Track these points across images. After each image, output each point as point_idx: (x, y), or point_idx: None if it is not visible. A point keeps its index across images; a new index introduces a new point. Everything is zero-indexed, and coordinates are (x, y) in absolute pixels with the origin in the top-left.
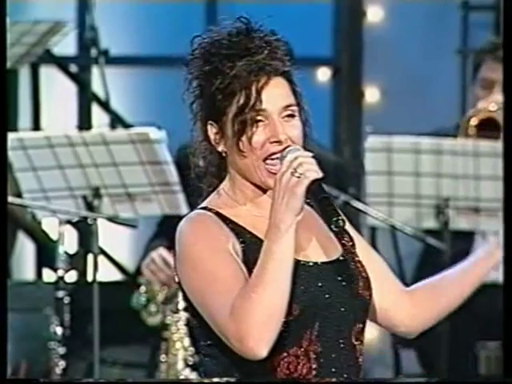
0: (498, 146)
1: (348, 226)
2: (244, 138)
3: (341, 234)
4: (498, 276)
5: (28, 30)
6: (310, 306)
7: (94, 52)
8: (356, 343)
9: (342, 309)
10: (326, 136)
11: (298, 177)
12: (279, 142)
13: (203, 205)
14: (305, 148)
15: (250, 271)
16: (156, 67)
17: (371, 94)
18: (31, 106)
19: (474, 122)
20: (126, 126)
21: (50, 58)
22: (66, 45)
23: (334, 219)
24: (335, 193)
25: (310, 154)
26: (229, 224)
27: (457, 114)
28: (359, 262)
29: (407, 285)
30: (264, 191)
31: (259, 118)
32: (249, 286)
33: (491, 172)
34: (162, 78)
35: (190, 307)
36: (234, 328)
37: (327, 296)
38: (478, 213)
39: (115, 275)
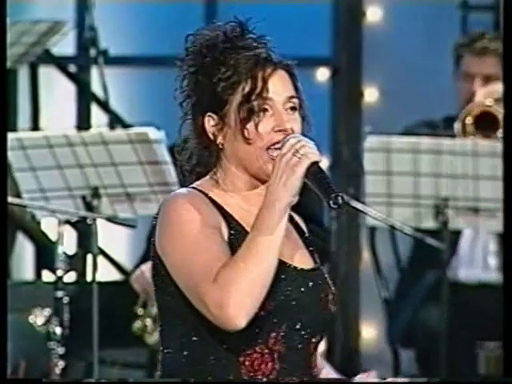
0: (497, 145)
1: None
2: (249, 126)
3: (312, 249)
4: (495, 276)
5: (27, 29)
6: (283, 305)
7: (93, 52)
8: (312, 354)
9: (310, 317)
10: (325, 136)
11: (299, 157)
12: (284, 131)
13: (192, 185)
14: None
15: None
16: (155, 67)
17: (370, 94)
18: (30, 106)
19: (469, 120)
20: (125, 125)
21: (49, 57)
22: (65, 45)
23: (333, 195)
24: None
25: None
26: (217, 207)
27: (456, 113)
28: (327, 277)
29: (407, 284)
30: (255, 187)
31: (265, 106)
32: (237, 257)
33: (490, 172)
34: (161, 79)
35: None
36: (216, 295)
37: (300, 301)
38: (477, 213)
39: (114, 275)
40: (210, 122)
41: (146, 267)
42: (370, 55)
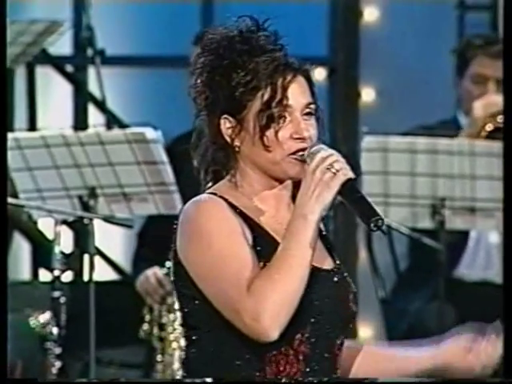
0: (494, 145)
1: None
2: (269, 133)
3: (332, 249)
4: (490, 274)
5: (24, 29)
6: (306, 307)
7: (90, 52)
8: (337, 354)
9: (334, 318)
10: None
11: (334, 172)
12: (302, 139)
13: (210, 191)
14: None
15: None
16: (152, 67)
17: (367, 94)
18: (27, 106)
19: (489, 127)
20: (122, 125)
21: (45, 57)
22: (62, 45)
23: (374, 219)
24: None
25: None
26: (238, 212)
27: (453, 113)
28: (348, 276)
29: (404, 284)
30: (272, 187)
31: (285, 113)
32: (272, 268)
33: (487, 172)
34: (158, 79)
35: (185, 296)
36: (251, 305)
37: (323, 302)
38: (473, 213)
39: (111, 275)
40: (226, 124)
41: (152, 273)
42: (366, 55)
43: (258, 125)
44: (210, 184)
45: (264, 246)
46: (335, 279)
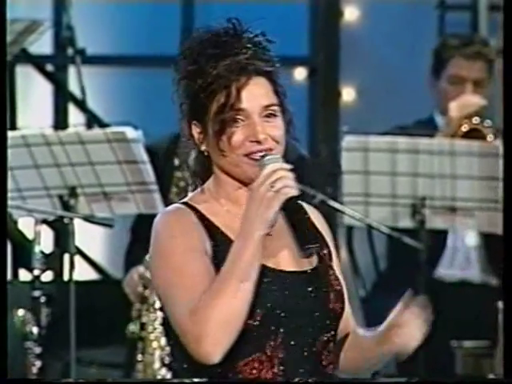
0: (474, 145)
1: (329, 236)
2: (224, 138)
3: (322, 245)
4: (469, 274)
5: None
6: (273, 312)
7: (70, 51)
8: (322, 353)
9: (308, 318)
10: (303, 136)
11: (276, 191)
12: (258, 142)
13: (184, 200)
14: (287, 150)
15: (218, 270)
16: (132, 67)
17: (348, 94)
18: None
19: (465, 128)
20: (103, 125)
21: (26, 57)
22: (42, 44)
23: (306, 247)
24: (311, 191)
25: (288, 167)
26: (204, 222)
27: (429, 114)
28: (334, 274)
29: (384, 283)
30: (241, 187)
31: (239, 117)
32: (212, 291)
33: (467, 171)
34: (138, 78)
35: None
36: (192, 329)
37: (293, 304)
38: (454, 212)
39: (91, 274)
40: (196, 129)
41: (137, 271)
42: (347, 55)
43: (213, 129)
44: (192, 187)
45: (224, 254)
46: (309, 279)
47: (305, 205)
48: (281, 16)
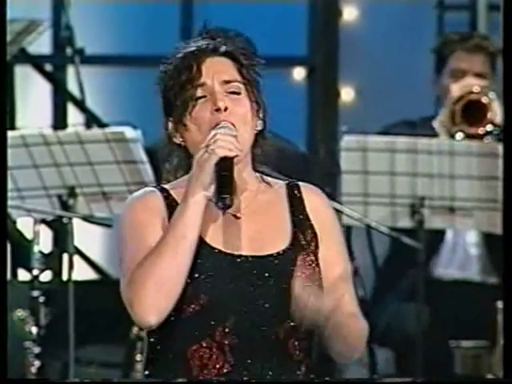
0: (473, 145)
1: (323, 223)
2: (187, 115)
3: (301, 229)
4: (468, 273)
5: None
6: (220, 298)
7: (69, 51)
8: (288, 341)
9: (267, 305)
10: (302, 135)
11: (210, 152)
12: (218, 110)
13: (162, 184)
14: (260, 132)
15: None
16: (131, 67)
17: (346, 94)
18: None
19: (459, 106)
20: (102, 125)
21: (25, 57)
22: (41, 44)
23: (222, 196)
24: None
25: (233, 133)
26: (171, 203)
27: (432, 113)
28: (307, 258)
29: (384, 283)
30: None
31: (200, 93)
32: (148, 256)
33: (466, 171)
34: (137, 78)
35: None
36: (128, 294)
37: (246, 290)
38: (453, 212)
39: (90, 274)
40: (170, 125)
41: None
42: (346, 54)
43: (178, 109)
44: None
45: None
46: (271, 266)
47: (303, 185)
48: (279, 16)
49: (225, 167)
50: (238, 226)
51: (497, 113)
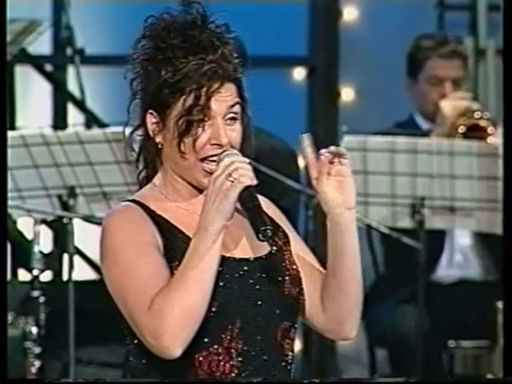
0: (473, 145)
1: (284, 223)
2: (187, 140)
3: (275, 231)
4: (473, 274)
5: None
6: (229, 302)
7: (69, 51)
8: (283, 341)
9: (265, 306)
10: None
11: (232, 181)
12: (220, 146)
13: (132, 197)
14: (243, 153)
15: (171, 267)
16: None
17: (347, 94)
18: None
19: (462, 129)
20: (102, 125)
21: (25, 57)
22: (41, 44)
23: (262, 229)
24: (310, 192)
25: (247, 160)
26: (154, 217)
27: (412, 115)
28: (289, 259)
29: (384, 283)
30: (193, 188)
31: (205, 119)
32: (171, 284)
33: (466, 171)
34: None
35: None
36: (150, 324)
37: (249, 293)
38: (453, 212)
39: (91, 274)
40: (151, 119)
41: None
42: (346, 55)
43: (177, 130)
44: (143, 178)
45: (176, 248)
46: (265, 267)
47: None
48: (280, 16)
49: (250, 196)
50: (226, 231)
51: (497, 134)
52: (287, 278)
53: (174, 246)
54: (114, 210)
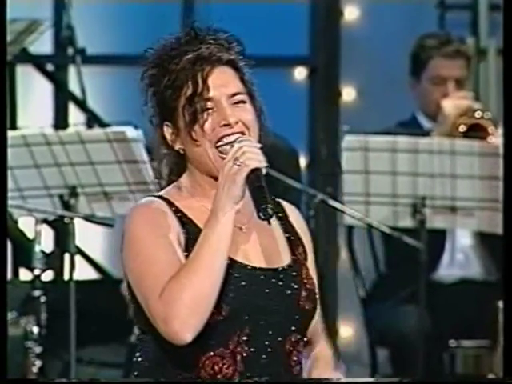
0: (475, 144)
1: (307, 240)
2: (196, 127)
3: (296, 245)
4: (474, 273)
5: None
6: (240, 308)
7: (70, 51)
8: (291, 353)
9: (278, 316)
10: (303, 135)
11: (239, 165)
12: (229, 125)
13: (158, 193)
14: (260, 136)
15: None
16: (133, 66)
17: (348, 94)
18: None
19: (462, 128)
20: (103, 124)
21: (26, 56)
22: (42, 43)
23: (263, 207)
24: (311, 191)
25: (258, 145)
26: (177, 214)
27: (415, 114)
28: (307, 273)
29: (385, 283)
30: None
31: (208, 105)
32: (182, 271)
33: (468, 171)
34: (138, 78)
35: (131, 295)
36: (161, 310)
37: (262, 302)
38: (454, 212)
39: (92, 274)
40: (168, 131)
41: None
42: (347, 54)
43: (184, 121)
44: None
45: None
46: (281, 277)
47: (285, 203)
48: (281, 16)
49: (256, 179)
50: (245, 238)
51: (498, 134)
52: (303, 291)
53: (194, 242)
54: (140, 202)
